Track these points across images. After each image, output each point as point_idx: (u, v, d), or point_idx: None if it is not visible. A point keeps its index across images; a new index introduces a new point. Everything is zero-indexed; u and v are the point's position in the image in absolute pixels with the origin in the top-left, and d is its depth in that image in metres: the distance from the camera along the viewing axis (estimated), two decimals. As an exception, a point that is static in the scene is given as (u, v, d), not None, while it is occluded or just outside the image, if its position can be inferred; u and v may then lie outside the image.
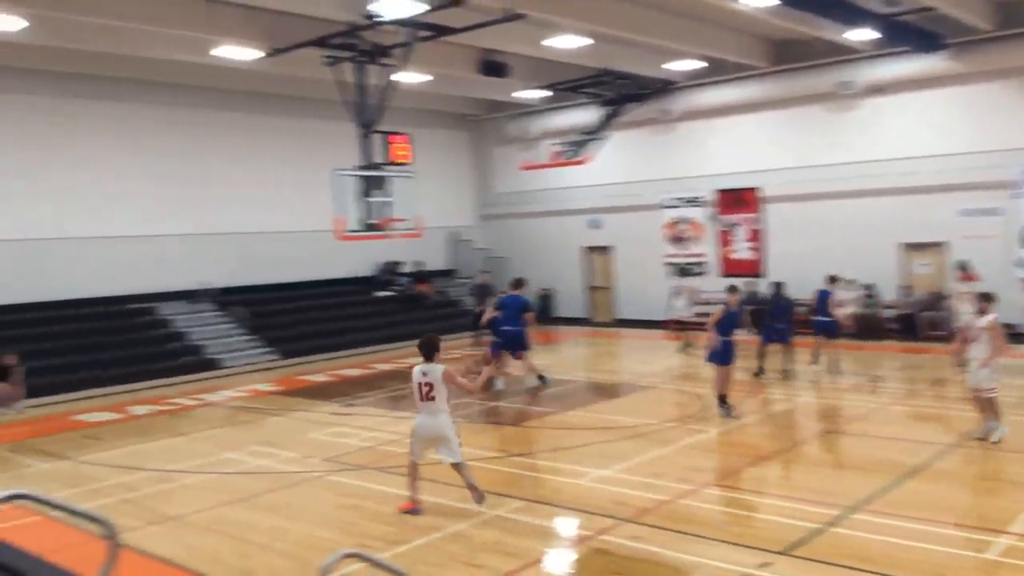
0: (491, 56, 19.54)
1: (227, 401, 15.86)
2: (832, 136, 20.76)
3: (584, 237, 25.72)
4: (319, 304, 22.19)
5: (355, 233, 15.75)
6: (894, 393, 14.14)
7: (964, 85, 18.80)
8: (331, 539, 7.91)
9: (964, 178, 18.77)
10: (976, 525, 7.55)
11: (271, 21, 15.89)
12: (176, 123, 20.74)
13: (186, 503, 9.31)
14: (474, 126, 27.82)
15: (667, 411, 13.17)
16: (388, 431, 12.59)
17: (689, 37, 18.27)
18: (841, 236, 20.47)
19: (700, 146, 23.00)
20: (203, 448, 12.03)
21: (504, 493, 9.07)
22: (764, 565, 6.84)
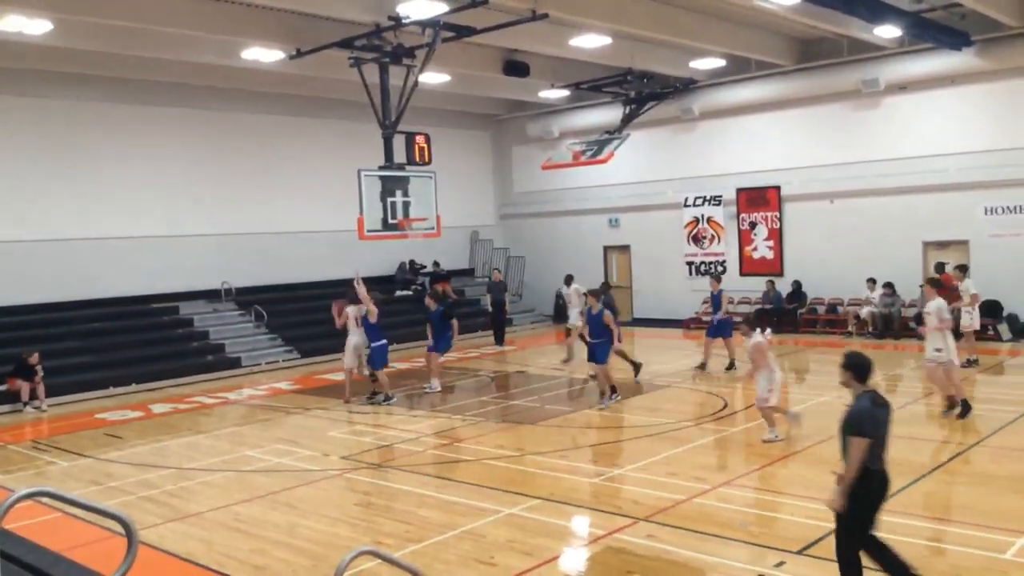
0: (513, 56, 19.58)
1: (247, 399, 16.00)
2: (855, 134, 20.59)
3: (603, 236, 25.68)
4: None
5: (376, 233, 15.83)
6: (913, 392, 14.01)
7: (989, 82, 18.59)
8: (347, 537, 7.97)
9: (989, 176, 18.59)
10: (994, 525, 7.47)
11: (297, 23, 16.04)
12: (200, 124, 20.97)
13: (205, 500, 9.40)
14: (495, 126, 27.86)
15: (684, 410, 13.13)
16: (405, 429, 12.66)
17: (712, 36, 18.22)
18: (864, 234, 20.33)
19: (721, 145, 22.90)
20: (223, 446, 12.15)
21: (519, 492, 9.09)
22: (780, 565, 6.81)
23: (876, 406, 5.65)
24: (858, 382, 5.75)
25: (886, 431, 5.67)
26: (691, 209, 23.62)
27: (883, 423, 5.65)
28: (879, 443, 5.60)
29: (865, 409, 5.59)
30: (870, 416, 5.57)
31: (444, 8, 13.89)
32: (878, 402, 5.68)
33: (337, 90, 20.61)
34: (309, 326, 21.08)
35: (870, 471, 5.55)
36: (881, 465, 5.62)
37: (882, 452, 5.63)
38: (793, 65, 20.62)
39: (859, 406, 5.63)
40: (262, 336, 20.22)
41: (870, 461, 5.53)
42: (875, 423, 5.57)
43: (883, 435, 5.64)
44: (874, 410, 5.61)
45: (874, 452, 5.55)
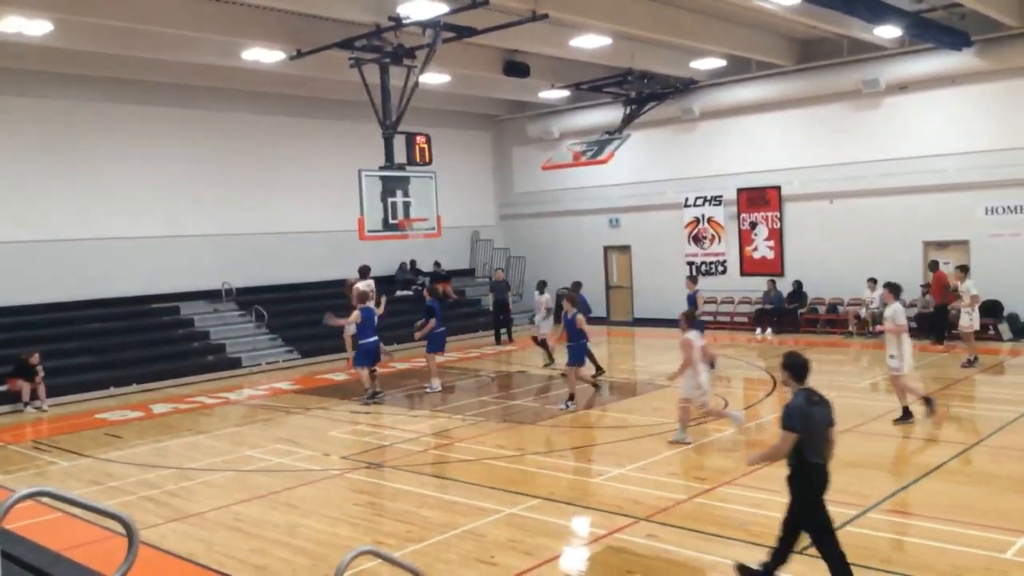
0: (513, 56, 19.59)
1: (247, 399, 16.01)
2: (856, 134, 20.60)
3: (604, 236, 25.69)
4: (339, 304, 22.22)
5: (377, 233, 15.85)
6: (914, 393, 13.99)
7: (989, 82, 18.58)
8: (348, 536, 7.97)
9: (989, 176, 18.59)
10: (995, 525, 7.47)
11: (297, 23, 16.05)
12: (200, 124, 20.98)
13: (205, 500, 9.40)
14: (495, 126, 27.87)
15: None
16: (406, 429, 12.66)
17: (712, 36, 18.22)
18: (864, 234, 20.34)
19: (721, 145, 22.90)
20: (223, 446, 12.16)
21: (520, 491, 9.10)
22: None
23: (810, 404, 5.91)
24: (795, 381, 6.04)
25: (822, 427, 5.94)
26: (691, 209, 23.62)
27: (816, 420, 5.89)
28: (814, 438, 5.88)
29: (797, 406, 5.89)
30: (800, 412, 5.86)
31: (444, 8, 13.90)
32: (812, 400, 5.94)
33: (337, 90, 20.62)
34: (309, 326, 21.05)
35: (808, 464, 5.88)
36: (818, 459, 5.89)
37: (820, 447, 5.91)
38: (793, 65, 20.63)
39: (793, 403, 5.95)
40: (262, 336, 20.22)
41: (808, 455, 5.86)
42: (805, 419, 5.84)
43: (817, 431, 5.91)
44: (807, 407, 5.88)
45: (810, 446, 5.86)
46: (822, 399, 6.01)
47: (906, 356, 11.33)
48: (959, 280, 15.34)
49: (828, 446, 6.01)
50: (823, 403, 5.99)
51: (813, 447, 5.87)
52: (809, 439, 5.86)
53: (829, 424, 6.02)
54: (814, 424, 5.88)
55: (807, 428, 5.86)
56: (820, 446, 5.91)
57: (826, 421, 5.99)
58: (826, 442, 5.98)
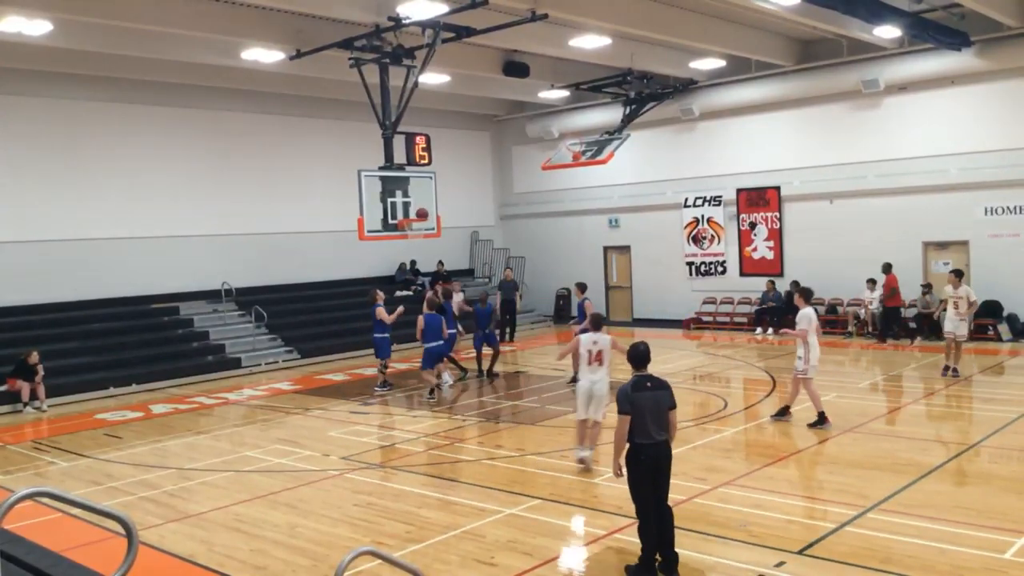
0: (513, 56, 19.59)
1: (247, 400, 16.00)
2: (855, 134, 20.60)
3: (603, 236, 25.70)
4: (338, 304, 22.35)
5: (376, 233, 15.86)
6: (912, 392, 14.02)
7: (989, 83, 18.58)
8: (347, 537, 7.97)
9: (989, 176, 18.60)
10: (995, 525, 7.47)
11: (297, 23, 16.05)
12: (200, 124, 20.99)
13: (205, 500, 9.40)
14: (495, 126, 27.87)
15: (683, 411, 13.05)
16: (405, 430, 12.66)
17: (712, 36, 18.23)
18: (863, 235, 20.33)
19: (721, 145, 22.90)
20: (223, 446, 12.16)
21: (520, 492, 9.10)
22: (780, 565, 6.82)
23: (635, 389, 6.65)
24: (634, 368, 6.90)
25: (646, 410, 6.60)
26: (691, 209, 23.62)
27: (639, 403, 6.59)
28: (638, 420, 6.59)
29: (623, 391, 6.66)
30: (626, 396, 6.62)
31: (444, 9, 13.91)
32: (638, 386, 6.68)
33: (337, 90, 20.62)
34: (309, 326, 21.11)
35: (635, 444, 6.62)
36: (644, 439, 6.59)
37: (646, 427, 6.58)
38: (793, 65, 20.63)
39: (620, 388, 6.70)
40: (262, 336, 20.22)
41: (634, 435, 6.59)
42: (630, 402, 6.59)
43: (642, 413, 6.59)
44: (632, 393, 6.63)
45: (635, 427, 6.60)
46: (646, 384, 6.71)
47: (813, 359, 11.41)
48: (953, 285, 14.69)
49: (662, 427, 6.65)
50: (646, 388, 6.69)
51: (637, 428, 6.57)
52: (634, 420, 6.57)
53: (663, 406, 6.67)
54: (638, 407, 6.57)
55: (631, 410, 6.57)
56: (644, 427, 6.57)
57: (658, 404, 6.65)
58: (655, 423, 6.60)
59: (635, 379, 6.77)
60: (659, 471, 6.66)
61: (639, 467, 6.63)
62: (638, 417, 6.59)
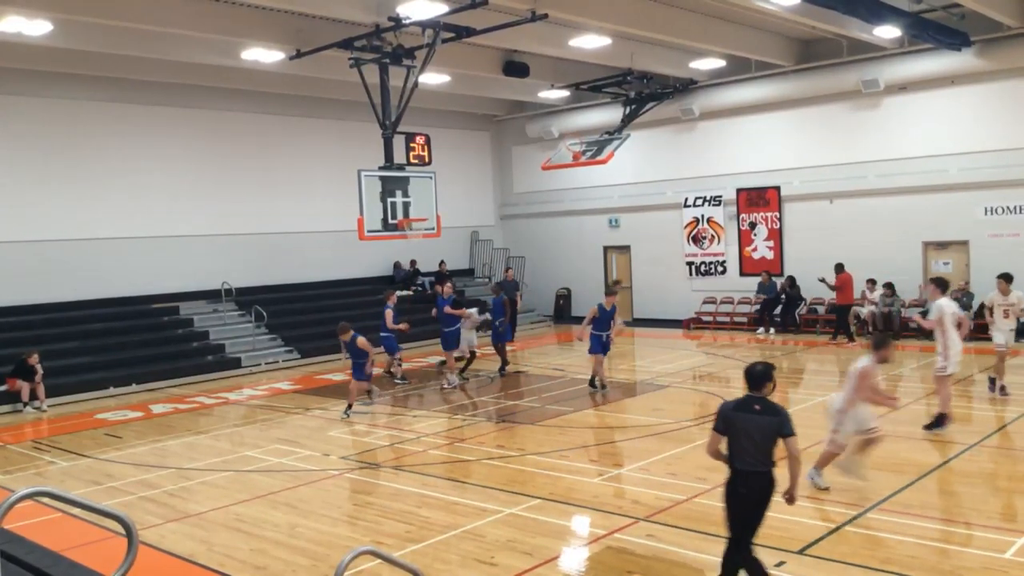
0: (513, 56, 19.58)
1: (247, 400, 16.00)
2: (855, 134, 20.59)
3: (604, 236, 25.70)
4: (338, 304, 22.33)
5: (376, 233, 15.88)
6: (913, 392, 14.01)
7: (989, 83, 18.58)
8: (347, 536, 7.97)
9: (989, 176, 18.59)
10: (995, 525, 7.47)
11: (297, 24, 16.05)
12: (200, 124, 20.98)
13: (205, 500, 9.40)
14: (495, 126, 27.87)
15: (684, 410, 13.13)
16: (405, 429, 12.66)
17: (712, 36, 18.22)
18: (864, 235, 20.33)
19: (721, 145, 22.90)
20: (223, 446, 12.16)
21: (520, 492, 9.10)
22: (779, 564, 6.81)
23: (737, 408, 6.01)
24: (747, 388, 6.15)
25: (744, 434, 5.90)
26: (691, 209, 23.62)
27: (737, 424, 5.94)
28: (735, 443, 5.95)
29: (723, 407, 6.13)
30: (722, 414, 6.07)
31: (444, 9, 13.90)
32: (742, 406, 6.00)
33: (337, 90, 20.62)
34: (309, 326, 21.08)
35: (733, 469, 5.99)
36: (741, 465, 5.91)
37: (743, 454, 5.90)
38: (793, 65, 20.62)
39: (722, 404, 6.17)
40: (262, 336, 20.22)
41: (733, 459, 5.97)
42: (724, 420, 6.02)
43: (739, 436, 5.93)
44: (731, 411, 6.01)
45: (732, 451, 5.97)
46: (767, 409, 5.95)
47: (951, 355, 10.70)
48: (1003, 291, 12.86)
49: (766, 456, 5.88)
50: (766, 412, 5.92)
51: (734, 452, 5.96)
52: (731, 443, 5.98)
53: (769, 433, 5.89)
54: (735, 428, 5.95)
55: (724, 430, 6.02)
56: (743, 453, 5.91)
57: (763, 430, 5.89)
58: (757, 450, 5.87)
59: (743, 398, 6.10)
60: (748, 503, 5.93)
61: (732, 495, 5.99)
62: (734, 440, 5.95)
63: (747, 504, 5.92)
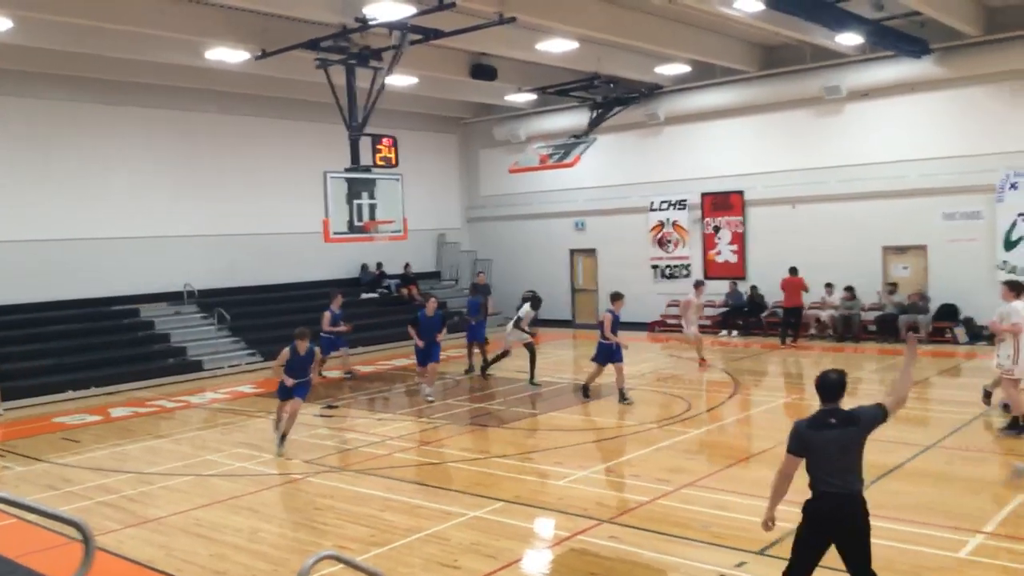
0: (481, 59, 19.58)
1: (209, 403, 15.81)
2: (818, 140, 20.87)
3: (570, 239, 25.79)
4: (303, 306, 22.10)
5: (342, 235, 15.80)
6: (873, 394, 14.21)
7: (949, 90, 18.93)
8: (309, 541, 7.91)
9: (947, 182, 18.94)
10: (952, 525, 7.61)
11: (262, 23, 15.89)
12: (164, 124, 20.70)
13: (165, 505, 9.27)
14: (462, 129, 27.84)
15: (648, 412, 13.21)
16: (369, 433, 12.59)
17: (678, 41, 18.36)
18: (824, 239, 20.59)
19: (686, 149, 23.09)
20: (183, 450, 12.00)
21: (484, 494, 9.09)
22: (740, 565, 6.89)
23: (812, 426, 5.34)
24: (821, 400, 5.44)
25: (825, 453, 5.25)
26: (656, 213, 23.79)
27: (816, 444, 5.27)
28: (815, 464, 5.27)
29: (797, 426, 5.41)
30: (797, 434, 5.36)
31: (411, 10, 13.85)
32: (818, 422, 5.33)
33: (304, 91, 20.46)
34: (273, 329, 20.81)
35: (815, 491, 5.29)
36: (826, 486, 5.24)
37: (826, 474, 5.24)
38: (757, 71, 20.86)
39: (796, 423, 5.44)
40: (225, 339, 19.99)
41: (815, 482, 5.29)
42: (801, 441, 5.32)
43: (819, 457, 5.26)
44: (806, 430, 5.33)
45: (813, 472, 5.28)
46: (845, 419, 5.28)
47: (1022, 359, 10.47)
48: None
49: (852, 473, 5.27)
50: (844, 423, 5.27)
51: (815, 473, 5.26)
52: (811, 464, 5.28)
53: (853, 446, 5.28)
54: (815, 448, 5.26)
55: (800, 451, 5.31)
56: (826, 473, 5.22)
57: (845, 445, 5.26)
58: (842, 469, 5.23)
59: (817, 414, 5.38)
60: (843, 531, 5.22)
61: (812, 521, 5.26)
62: (815, 461, 5.25)
63: (842, 532, 5.23)
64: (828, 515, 5.22)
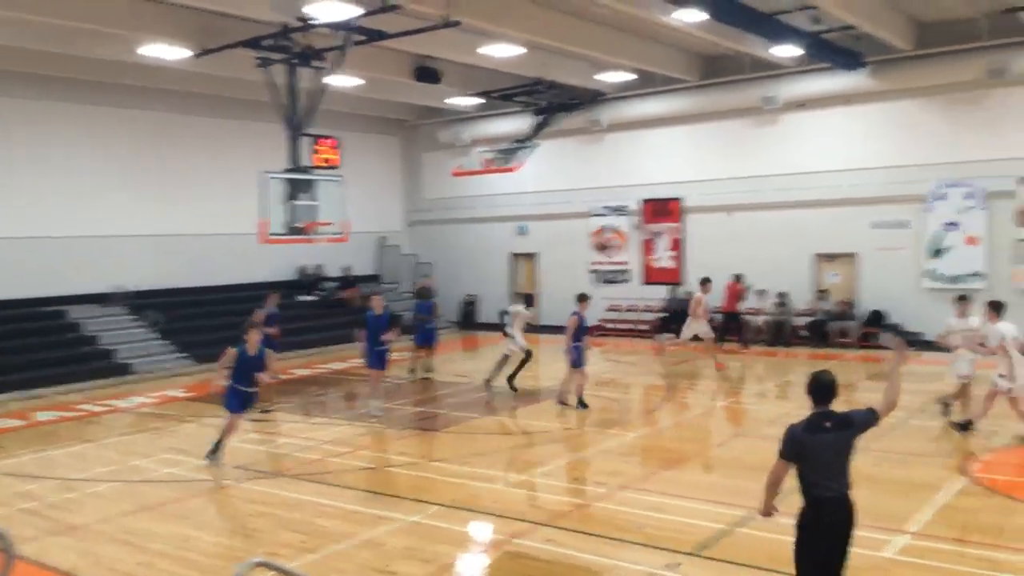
0: (425, 62, 19.48)
1: (137, 407, 15.36)
2: (755, 149, 21.28)
3: (511, 244, 25.83)
4: (239, 308, 21.58)
5: (279, 236, 15.55)
6: (804, 399, 14.50)
7: (882, 102, 19.48)
8: (240, 548, 7.73)
9: (878, 192, 19.48)
10: (880, 525, 7.78)
11: (203, 20, 15.54)
12: (98, 121, 20.09)
13: (90, 512, 8.98)
14: (405, 131, 27.67)
15: (585, 416, 13.27)
16: (303, 438, 12.40)
17: (621, 49, 18.53)
18: (760, 246, 20.98)
19: (627, 156, 23.33)
20: (110, 456, 11.64)
21: (421, 499, 9.01)
22: (673, 565, 6.95)
23: (808, 430, 5.28)
24: (813, 403, 5.40)
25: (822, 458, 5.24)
26: (597, 218, 23.98)
27: (812, 449, 5.23)
28: (810, 469, 5.25)
29: (791, 431, 5.34)
30: (792, 439, 5.30)
31: (355, 11, 13.68)
32: (813, 426, 5.29)
33: (245, 90, 20.06)
34: (205, 332, 20.34)
35: (812, 497, 5.28)
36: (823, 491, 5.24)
37: (822, 478, 5.23)
38: (697, 81, 21.17)
39: (790, 428, 5.35)
40: (155, 341, 19.48)
41: (810, 487, 5.27)
42: (797, 447, 5.27)
43: (816, 462, 5.23)
44: (803, 435, 5.28)
45: (808, 477, 5.27)
46: (839, 422, 5.28)
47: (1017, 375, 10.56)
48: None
49: (845, 476, 5.27)
50: (839, 427, 5.26)
51: (810, 477, 5.24)
52: (805, 469, 5.25)
53: (847, 450, 5.28)
54: (810, 453, 5.22)
55: (794, 458, 5.26)
56: (822, 477, 5.21)
57: (840, 449, 5.26)
58: (837, 472, 5.25)
59: (811, 417, 5.32)
60: (837, 535, 5.23)
61: (813, 531, 5.22)
62: (809, 466, 5.23)
63: (836, 536, 5.23)
64: (828, 521, 5.21)
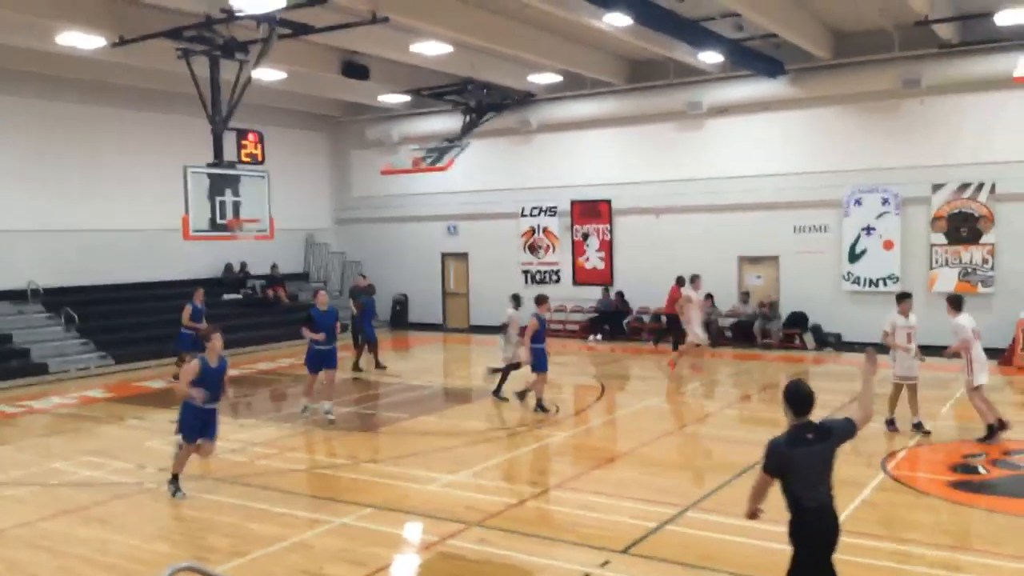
0: (353, 57, 19.27)
1: (54, 408, 14.82)
2: (680, 153, 21.68)
3: (441, 243, 25.76)
4: (160, 307, 21.07)
5: (202, 233, 15.19)
6: (729, 397, 14.91)
7: (800, 109, 20.09)
8: (165, 552, 7.54)
9: (798, 197, 20.07)
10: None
11: (120, 9, 15.05)
12: (10, 112, 19.23)
13: (7, 517, 8.62)
14: (333, 127, 27.31)
15: (517, 416, 13.33)
16: (230, 439, 12.11)
17: (549, 51, 18.65)
18: (685, 248, 21.35)
19: (557, 158, 23.50)
20: (26, 458, 11.19)
21: (352, 500, 8.93)
22: (604, 564, 7.05)
23: (791, 444, 5.13)
24: (793, 414, 5.26)
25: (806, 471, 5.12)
26: (528, 219, 24.11)
27: (797, 463, 5.11)
28: (798, 482, 5.12)
29: (775, 445, 5.19)
30: (777, 454, 5.15)
31: (280, 4, 13.44)
32: (796, 440, 5.14)
33: (165, 82, 19.49)
34: (126, 330, 19.80)
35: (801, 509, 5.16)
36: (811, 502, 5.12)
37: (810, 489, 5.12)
38: (624, 85, 21.47)
39: (772, 442, 5.20)
40: (73, 340, 18.81)
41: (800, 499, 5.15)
42: (781, 461, 5.13)
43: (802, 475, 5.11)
44: (787, 450, 5.13)
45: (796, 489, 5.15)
46: (820, 434, 5.16)
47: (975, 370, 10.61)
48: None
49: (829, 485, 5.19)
50: (820, 438, 5.15)
51: (798, 489, 5.11)
52: (797, 482, 5.11)
53: (829, 460, 5.19)
54: (796, 467, 5.10)
55: (778, 473, 5.14)
56: (809, 488, 5.10)
57: (824, 459, 5.17)
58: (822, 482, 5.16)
59: (792, 431, 5.16)
60: (830, 542, 5.16)
61: (808, 544, 5.11)
62: (796, 479, 5.10)
63: (828, 543, 5.17)
64: (819, 531, 5.15)
